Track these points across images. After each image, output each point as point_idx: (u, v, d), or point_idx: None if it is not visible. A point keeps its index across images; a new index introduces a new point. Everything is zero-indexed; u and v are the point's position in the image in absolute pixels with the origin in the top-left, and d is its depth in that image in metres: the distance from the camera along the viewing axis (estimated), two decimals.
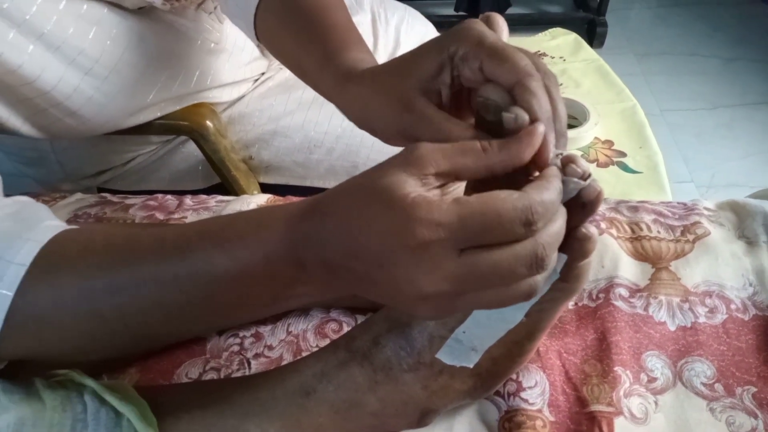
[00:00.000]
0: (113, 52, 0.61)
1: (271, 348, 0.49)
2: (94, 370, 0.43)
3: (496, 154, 0.31)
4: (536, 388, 0.45)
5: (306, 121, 0.79)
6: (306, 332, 0.50)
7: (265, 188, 0.84)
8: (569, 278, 0.35)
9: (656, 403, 0.45)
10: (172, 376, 0.48)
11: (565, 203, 0.32)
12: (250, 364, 0.48)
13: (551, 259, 0.30)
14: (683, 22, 2.25)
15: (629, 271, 0.53)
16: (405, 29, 0.92)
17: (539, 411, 0.44)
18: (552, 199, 0.29)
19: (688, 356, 0.47)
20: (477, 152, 0.31)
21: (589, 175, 0.32)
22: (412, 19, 0.95)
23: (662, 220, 0.57)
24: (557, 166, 0.32)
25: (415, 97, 0.37)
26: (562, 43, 1.23)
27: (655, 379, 0.46)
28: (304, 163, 0.81)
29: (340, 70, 0.43)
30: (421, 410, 0.41)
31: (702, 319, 0.49)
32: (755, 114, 1.80)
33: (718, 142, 1.72)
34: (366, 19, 0.90)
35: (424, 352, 0.39)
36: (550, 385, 0.45)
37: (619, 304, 0.50)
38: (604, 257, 0.54)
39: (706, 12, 2.29)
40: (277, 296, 0.37)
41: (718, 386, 0.45)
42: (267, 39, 0.55)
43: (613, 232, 0.56)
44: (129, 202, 0.64)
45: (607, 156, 0.95)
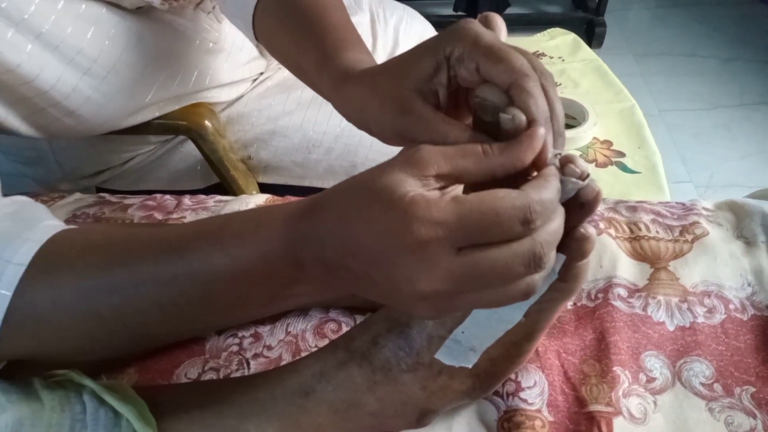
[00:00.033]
0: (112, 51, 0.61)
1: (270, 348, 0.49)
2: (92, 370, 0.43)
3: (497, 158, 0.31)
4: (535, 388, 0.45)
5: (305, 121, 0.79)
6: (305, 332, 0.50)
7: (264, 188, 0.84)
8: (568, 278, 0.35)
9: (655, 403, 0.45)
10: (171, 376, 0.47)
11: (564, 203, 0.32)
12: (249, 364, 0.48)
13: (549, 259, 0.30)
14: (682, 23, 2.25)
15: (628, 271, 0.53)
16: (404, 29, 0.91)
17: (538, 411, 0.44)
18: (550, 198, 0.29)
19: (687, 356, 0.47)
20: (478, 155, 0.31)
21: (588, 175, 0.32)
22: (411, 19, 0.95)
23: (661, 220, 0.57)
24: (556, 166, 0.32)
25: (412, 98, 0.37)
26: (560, 44, 1.23)
27: (654, 379, 0.46)
28: (303, 163, 0.81)
29: (337, 71, 0.43)
30: (420, 410, 0.41)
31: (701, 319, 0.49)
32: (754, 114, 1.81)
33: (717, 143, 1.72)
34: (365, 19, 0.90)
35: (422, 352, 0.39)
36: (549, 385, 0.45)
37: (618, 304, 0.50)
38: (603, 257, 0.54)
39: (705, 12, 2.29)
40: (276, 296, 0.37)
41: (717, 386, 0.45)
42: (265, 39, 0.55)
43: (612, 232, 0.56)
44: (127, 202, 0.64)
45: (606, 156, 0.95)
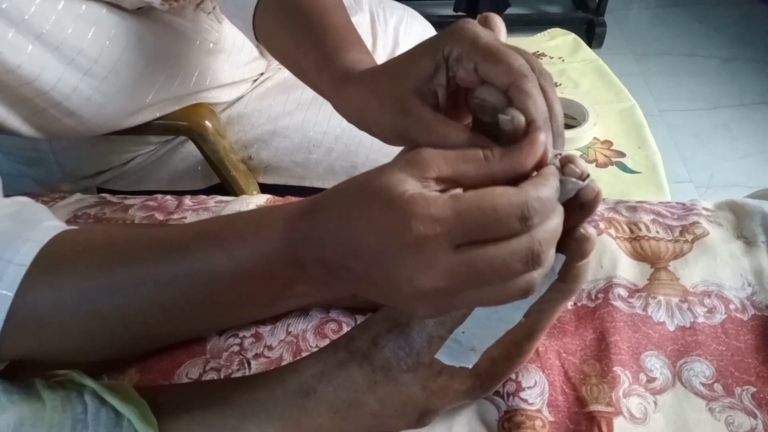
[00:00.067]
0: (112, 52, 0.61)
1: (270, 348, 0.49)
2: (94, 371, 0.43)
3: (498, 163, 0.31)
4: (535, 388, 0.45)
5: (305, 121, 0.79)
6: (306, 332, 0.50)
7: (264, 188, 0.84)
8: (568, 279, 0.35)
9: (655, 403, 0.45)
10: (172, 377, 0.48)
11: (564, 203, 0.32)
12: (250, 365, 0.48)
13: (547, 256, 0.30)
14: (682, 23, 2.25)
15: (628, 271, 0.53)
16: (404, 29, 0.91)
17: (538, 411, 0.44)
18: (548, 195, 0.29)
19: (687, 356, 0.47)
20: (479, 160, 0.31)
21: (588, 176, 0.32)
22: (411, 20, 0.95)
23: (661, 220, 0.57)
24: (556, 166, 0.32)
25: (411, 99, 0.37)
26: (561, 44, 1.23)
27: (654, 379, 0.46)
28: (303, 163, 0.81)
29: (337, 72, 0.43)
30: (420, 410, 0.41)
31: (701, 319, 0.49)
32: (754, 114, 1.81)
33: (717, 143, 1.72)
34: (365, 20, 0.90)
35: (423, 352, 0.39)
36: (550, 385, 0.45)
37: (618, 304, 0.50)
38: (603, 257, 0.54)
39: (705, 12, 2.29)
40: (277, 296, 0.37)
41: (717, 386, 0.45)
42: (266, 39, 0.55)
43: (612, 232, 0.56)
44: (128, 202, 0.64)
45: (606, 156, 0.95)
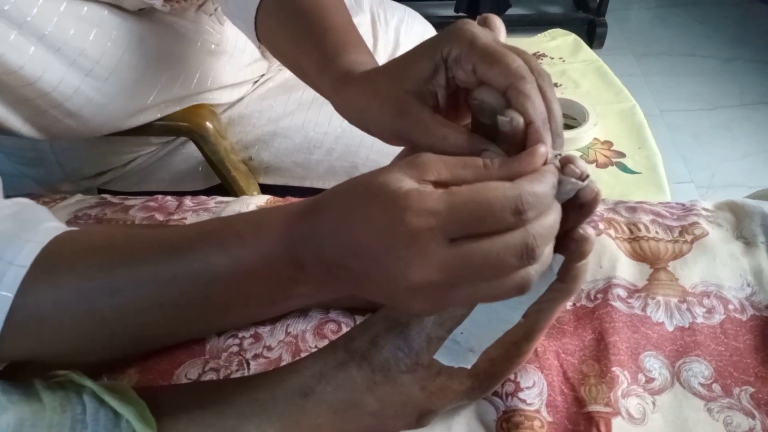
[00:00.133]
0: (113, 53, 0.61)
1: (270, 349, 0.49)
2: (93, 371, 0.43)
3: (496, 171, 0.31)
4: (534, 389, 0.45)
5: (306, 122, 0.79)
6: (305, 333, 0.50)
7: (265, 189, 0.84)
8: (567, 279, 0.35)
9: (654, 404, 0.45)
10: (171, 377, 0.48)
11: (563, 204, 0.32)
12: (249, 365, 0.48)
13: (543, 252, 0.30)
14: (682, 23, 2.25)
15: (627, 271, 0.53)
16: (404, 30, 0.92)
17: (537, 411, 0.44)
18: (544, 191, 0.30)
19: (686, 356, 0.47)
20: (478, 168, 0.31)
21: (587, 176, 0.32)
22: (412, 20, 0.95)
23: (660, 220, 0.57)
24: (556, 166, 0.32)
25: (410, 101, 0.37)
26: (561, 44, 1.23)
27: (653, 380, 0.46)
28: (304, 164, 0.81)
29: (337, 73, 0.43)
30: (420, 411, 0.41)
31: (700, 320, 0.49)
32: (754, 114, 1.81)
33: (717, 143, 1.72)
34: (365, 20, 0.90)
35: (422, 353, 0.39)
36: (548, 385, 0.45)
37: (617, 304, 0.50)
38: (602, 258, 0.54)
39: (705, 12, 2.29)
40: (276, 296, 0.37)
41: (716, 386, 0.45)
42: (267, 40, 0.56)
43: (612, 232, 0.56)
44: (129, 203, 0.64)
45: (606, 156, 0.95)
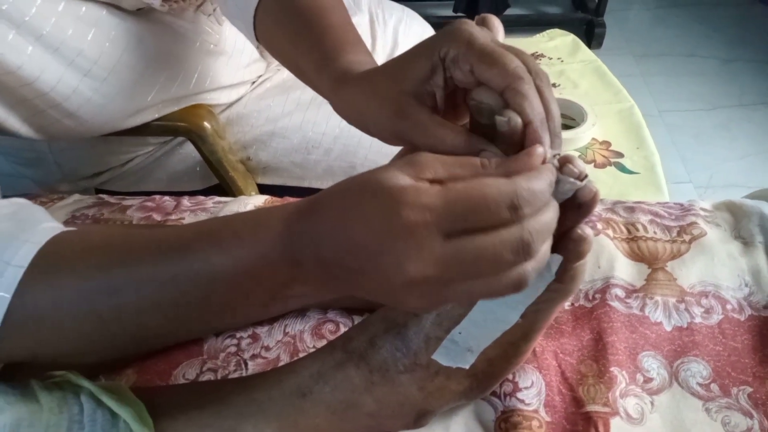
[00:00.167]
0: (112, 53, 0.61)
1: (268, 349, 0.49)
2: (91, 371, 0.43)
3: (494, 171, 0.31)
4: (532, 389, 0.45)
5: (304, 122, 0.79)
6: (303, 333, 0.50)
7: (263, 189, 0.84)
8: (565, 279, 0.35)
9: (652, 404, 0.45)
10: (169, 377, 0.48)
11: (561, 204, 0.32)
12: (247, 365, 0.48)
13: (539, 249, 0.30)
14: (682, 23, 2.25)
15: (625, 271, 0.53)
16: (403, 30, 0.91)
17: (535, 411, 0.44)
18: (540, 188, 0.29)
19: (684, 356, 0.47)
20: (475, 167, 0.31)
21: (586, 176, 0.32)
22: (410, 20, 0.95)
23: (658, 220, 0.57)
24: (555, 166, 0.32)
25: (408, 102, 0.37)
26: (560, 44, 1.23)
27: (651, 380, 0.46)
28: (302, 164, 0.81)
29: (336, 73, 0.43)
30: (418, 411, 0.41)
31: (698, 320, 0.49)
32: (753, 114, 1.81)
33: (717, 143, 1.72)
34: (364, 20, 0.90)
35: (420, 353, 0.39)
36: (546, 385, 0.45)
37: (615, 304, 0.50)
38: (601, 258, 0.54)
39: (705, 13, 2.29)
40: (275, 296, 0.37)
41: (714, 386, 0.45)
42: (266, 40, 0.56)
43: (610, 232, 0.56)
44: (127, 203, 0.64)
45: (605, 157, 0.95)
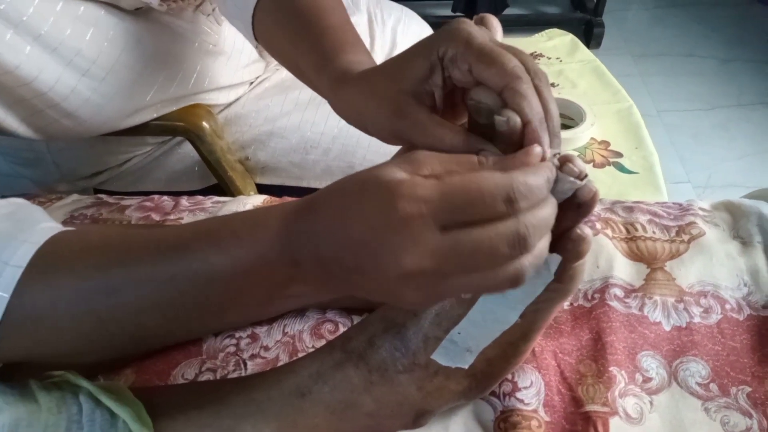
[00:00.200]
0: (110, 53, 0.61)
1: (267, 349, 0.49)
2: (90, 371, 0.43)
3: (491, 168, 0.31)
4: (531, 389, 0.45)
5: (302, 122, 0.79)
6: (302, 333, 0.50)
7: (262, 189, 0.84)
8: (564, 279, 0.35)
9: (651, 403, 0.45)
10: (168, 377, 0.48)
11: (561, 203, 0.32)
12: (246, 365, 0.48)
13: (537, 244, 0.30)
14: (680, 23, 2.25)
15: (624, 271, 0.53)
16: (401, 30, 0.92)
17: (534, 411, 0.44)
18: (537, 183, 0.30)
19: (683, 356, 0.47)
20: (473, 165, 0.31)
21: (586, 176, 0.32)
22: (409, 20, 0.95)
23: (657, 220, 0.57)
24: (555, 165, 0.32)
25: (407, 102, 0.37)
26: (558, 44, 1.23)
27: (650, 379, 0.46)
28: (301, 164, 0.81)
29: (335, 73, 0.43)
30: (417, 411, 0.41)
31: (697, 319, 0.49)
32: (752, 114, 1.81)
33: (715, 143, 1.72)
34: (362, 20, 0.90)
35: (419, 353, 0.39)
36: (546, 385, 0.45)
37: (614, 304, 0.50)
38: (600, 257, 0.54)
39: (703, 13, 2.29)
40: (273, 296, 0.37)
41: (713, 386, 0.45)
42: (265, 40, 0.56)
43: (609, 232, 0.56)
44: (125, 203, 0.64)
45: (604, 156, 0.95)
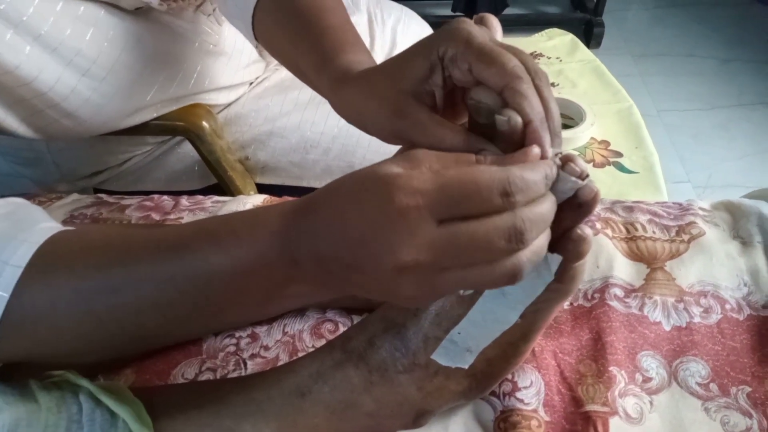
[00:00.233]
0: (110, 53, 0.61)
1: (267, 348, 0.49)
2: (90, 371, 0.43)
3: (488, 164, 0.31)
4: (531, 388, 0.45)
5: (302, 122, 0.79)
6: (302, 332, 0.50)
7: (262, 189, 0.84)
8: (564, 279, 0.35)
9: (651, 403, 0.45)
10: (168, 377, 0.47)
11: (562, 203, 0.32)
12: (246, 365, 0.48)
13: (534, 239, 0.30)
14: (680, 23, 2.25)
15: (624, 271, 0.53)
16: (401, 30, 0.92)
17: (534, 411, 0.44)
18: (534, 178, 0.30)
19: (683, 356, 0.47)
20: (471, 163, 0.31)
21: (587, 175, 0.32)
22: (409, 20, 0.95)
23: (657, 220, 0.57)
24: (556, 164, 0.32)
25: (407, 102, 0.37)
26: (558, 44, 1.23)
27: (650, 379, 0.46)
28: (301, 164, 0.81)
29: (335, 73, 0.43)
30: (416, 411, 0.41)
31: (697, 319, 0.49)
32: (752, 114, 1.81)
33: (715, 143, 1.72)
34: (362, 20, 0.90)
35: (419, 353, 0.39)
36: (546, 385, 0.45)
37: (614, 304, 0.50)
38: (600, 257, 0.54)
39: (703, 13, 2.29)
40: (272, 295, 0.37)
41: (713, 386, 0.45)
42: (265, 40, 0.56)
43: (609, 232, 0.56)
44: (125, 202, 0.64)
45: (604, 156, 0.95)
